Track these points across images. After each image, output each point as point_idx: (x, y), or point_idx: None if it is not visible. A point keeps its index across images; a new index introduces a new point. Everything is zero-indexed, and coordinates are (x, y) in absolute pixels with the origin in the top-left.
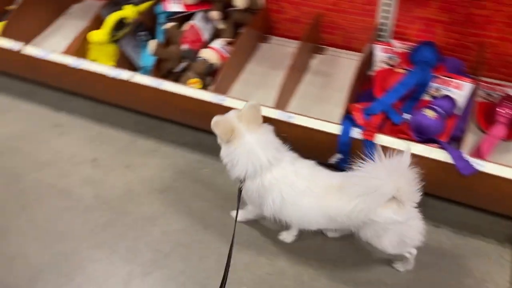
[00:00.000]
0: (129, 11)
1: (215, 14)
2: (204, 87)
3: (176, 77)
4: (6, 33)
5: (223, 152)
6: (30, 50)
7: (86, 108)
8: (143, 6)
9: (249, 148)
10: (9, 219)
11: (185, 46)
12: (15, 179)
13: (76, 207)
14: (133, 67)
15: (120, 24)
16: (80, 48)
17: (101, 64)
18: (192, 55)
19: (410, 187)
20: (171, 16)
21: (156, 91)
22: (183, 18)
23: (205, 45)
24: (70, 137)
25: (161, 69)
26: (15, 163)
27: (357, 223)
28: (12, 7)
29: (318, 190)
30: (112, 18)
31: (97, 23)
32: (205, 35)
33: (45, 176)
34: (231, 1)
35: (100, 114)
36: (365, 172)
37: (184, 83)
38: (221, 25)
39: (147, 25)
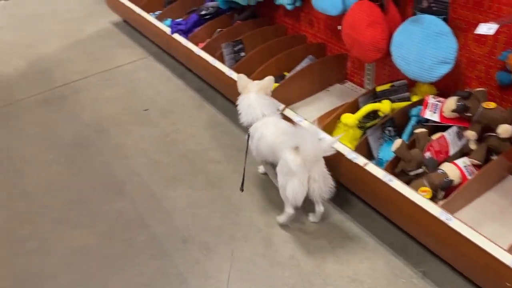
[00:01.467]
0: (385, 106)
1: (471, 134)
2: (432, 199)
3: (408, 179)
4: (275, 94)
5: (238, 100)
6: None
7: None
8: (400, 104)
9: (249, 103)
10: None
11: (428, 154)
12: None
13: None
14: (369, 156)
15: (372, 114)
16: (330, 123)
17: (342, 144)
18: (432, 165)
19: (310, 153)
20: (423, 122)
21: (383, 184)
22: (435, 127)
23: (449, 159)
24: None
25: (397, 167)
26: None
27: (277, 158)
28: (287, 74)
29: (276, 132)
30: (367, 108)
31: (352, 106)
32: (452, 150)
33: None
34: (492, 126)
35: None
36: (299, 129)
37: (415, 187)
38: (473, 145)
39: (396, 121)
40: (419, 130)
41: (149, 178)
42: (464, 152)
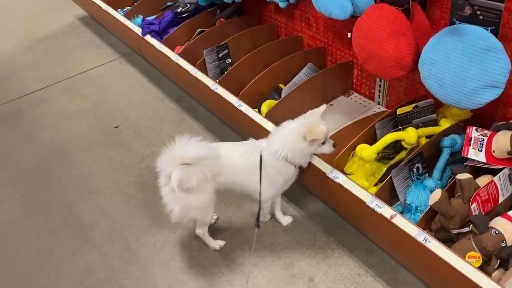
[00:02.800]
0: (410, 135)
1: None
2: (484, 267)
3: (450, 238)
4: (272, 112)
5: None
6: None
7: None
8: (425, 131)
9: None
10: None
11: (474, 206)
12: None
13: None
14: (393, 195)
15: (393, 144)
16: (341, 155)
17: (356, 185)
18: (484, 224)
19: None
20: (464, 160)
21: (417, 245)
22: (477, 168)
23: (497, 208)
24: None
25: (434, 222)
26: None
27: None
28: (284, 87)
29: None
30: (389, 138)
31: (367, 135)
32: (502, 197)
33: None
34: None
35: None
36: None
37: (460, 252)
38: None
39: (425, 155)
40: (463, 176)
41: (121, 220)
42: None
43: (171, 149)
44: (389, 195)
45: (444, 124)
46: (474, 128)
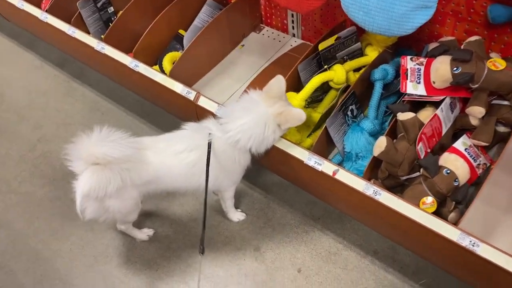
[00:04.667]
0: (338, 74)
1: (479, 111)
2: (439, 210)
3: (400, 184)
4: (176, 70)
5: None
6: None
7: None
8: (352, 64)
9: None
10: None
11: (421, 146)
12: None
13: None
14: (331, 144)
15: (321, 86)
16: None
17: (289, 143)
18: (434, 166)
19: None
20: (399, 93)
21: (366, 199)
22: (414, 102)
23: (441, 141)
24: None
25: (380, 171)
26: None
27: None
28: (184, 33)
29: None
30: (315, 82)
31: (291, 80)
32: (445, 128)
33: None
34: (501, 92)
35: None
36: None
37: (413, 198)
38: (474, 121)
39: (356, 92)
40: (406, 116)
41: (23, 227)
42: (458, 126)
43: (85, 141)
44: (326, 145)
45: (370, 52)
46: (408, 57)
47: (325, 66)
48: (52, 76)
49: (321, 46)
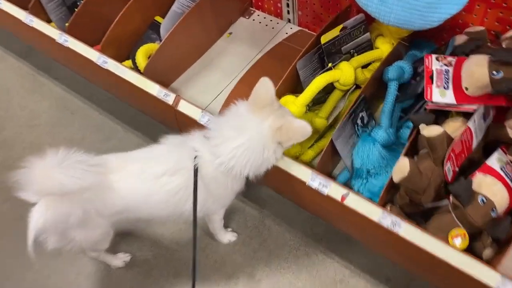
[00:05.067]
0: (345, 73)
1: None
2: (472, 245)
3: (425, 214)
4: (152, 65)
5: None
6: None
7: None
8: (360, 60)
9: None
10: None
11: (449, 166)
12: None
13: None
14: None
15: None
16: None
17: (289, 160)
18: (465, 192)
19: None
20: (416, 96)
21: (383, 231)
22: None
23: (471, 156)
24: None
25: (399, 196)
26: None
27: None
28: (161, 20)
29: None
30: (318, 84)
31: (290, 79)
32: (475, 142)
33: None
34: None
35: None
36: None
37: (439, 230)
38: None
39: (367, 96)
40: (433, 132)
41: None
42: (491, 138)
43: (37, 168)
44: (332, 159)
45: (382, 45)
46: (433, 56)
47: (330, 65)
48: (16, 68)
49: (324, 39)
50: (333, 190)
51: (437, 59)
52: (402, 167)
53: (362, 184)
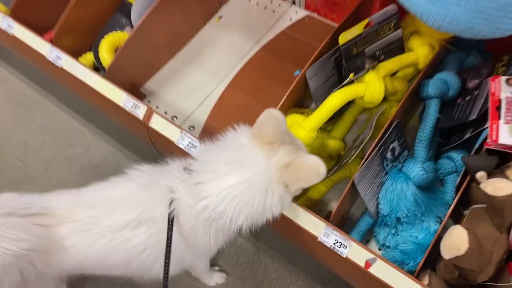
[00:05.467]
0: (372, 89)
1: None
2: None
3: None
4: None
5: None
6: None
7: None
8: (388, 67)
9: None
10: None
11: None
12: None
13: None
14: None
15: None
16: None
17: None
18: None
19: None
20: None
21: None
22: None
23: None
24: None
25: (448, 270)
26: None
27: None
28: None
29: None
30: (334, 104)
31: (295, 93)
32: None
33: None
34: None
35: None
36: None
37: None
38: None
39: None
40: (500, 190)
41: None
42: None
43: None
44: (350, 200)
45: (418, 47)
46: (503, 79)
47: (352, 77)
48: None
49: (343, 38)
50: (355, 252)
51: (506, 82)
52: (458, 243)
53: (390, 235)
